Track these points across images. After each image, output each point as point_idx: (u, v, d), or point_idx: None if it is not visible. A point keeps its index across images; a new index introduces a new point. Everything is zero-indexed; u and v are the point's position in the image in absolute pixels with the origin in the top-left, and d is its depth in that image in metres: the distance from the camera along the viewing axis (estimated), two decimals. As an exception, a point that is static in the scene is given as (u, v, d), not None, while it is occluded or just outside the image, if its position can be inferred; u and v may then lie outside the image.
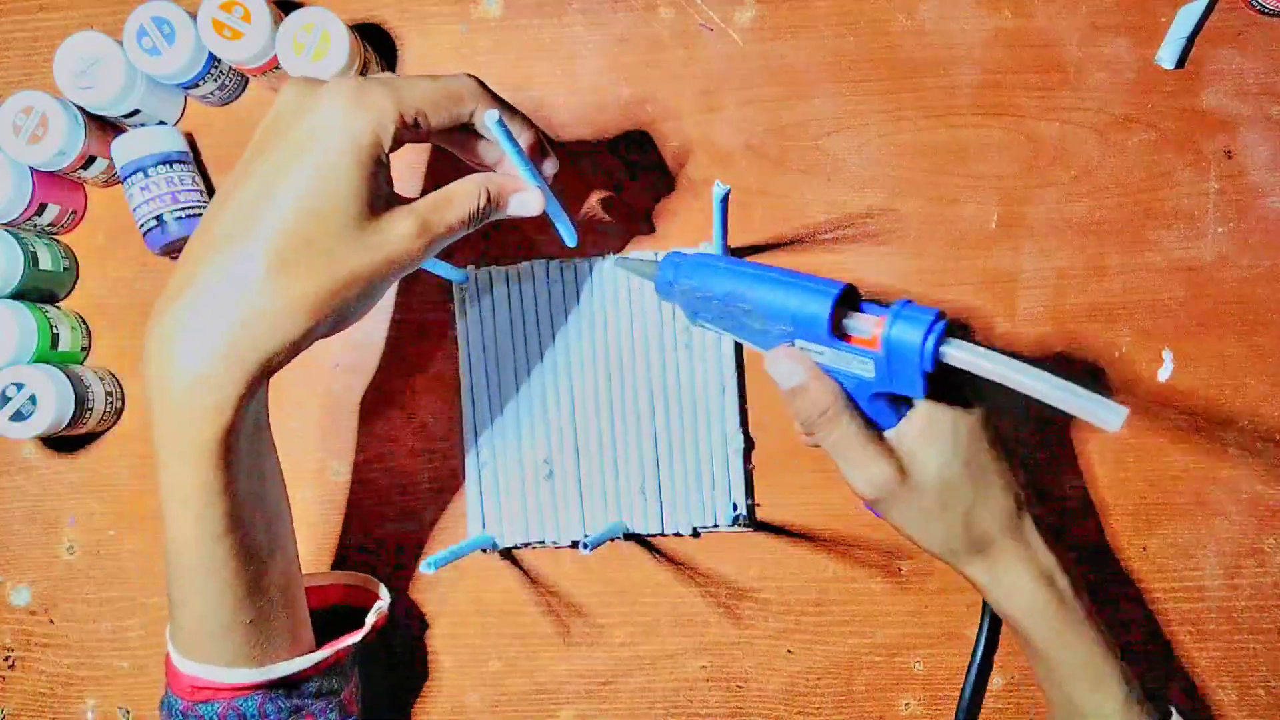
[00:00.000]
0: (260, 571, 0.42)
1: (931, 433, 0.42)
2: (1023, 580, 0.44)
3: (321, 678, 0.47)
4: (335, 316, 0.40)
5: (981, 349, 0.38)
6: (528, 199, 0.45)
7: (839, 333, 0.41)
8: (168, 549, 0.41)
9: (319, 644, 0.47)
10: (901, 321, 0.39)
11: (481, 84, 0.43)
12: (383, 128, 0.39)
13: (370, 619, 0.50)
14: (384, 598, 0.53)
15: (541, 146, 0.46)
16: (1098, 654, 0.44)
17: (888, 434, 0.43)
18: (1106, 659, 0.44)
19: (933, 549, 0.45)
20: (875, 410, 0.43)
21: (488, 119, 0.41)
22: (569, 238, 0.53)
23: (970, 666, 0.55)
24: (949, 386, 0.43)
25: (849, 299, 0.42)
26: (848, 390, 0.43)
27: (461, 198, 0.43)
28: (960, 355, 0.38)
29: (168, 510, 0.40)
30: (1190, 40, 0.55)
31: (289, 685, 0.45)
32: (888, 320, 0.39)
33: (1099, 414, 0.35)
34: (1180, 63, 0.56)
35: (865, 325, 0.41)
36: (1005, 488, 0.44)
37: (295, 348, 0.39)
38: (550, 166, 0.47)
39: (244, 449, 0.40)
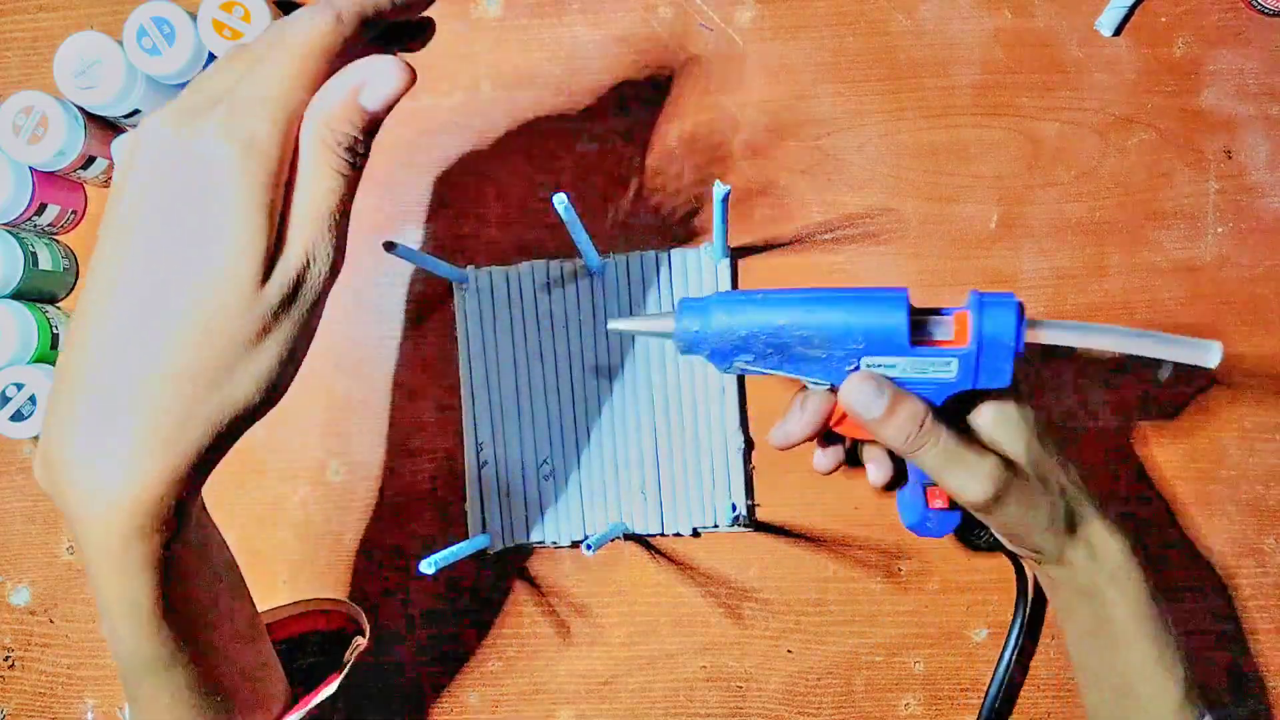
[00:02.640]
0: (220, 657, 0.38)
1: (1003, 420, 0.41)
2: (1115, 547, 0.42)
3: None
4: (284, 384, 0.34)
5: (1061, 324, 0.39)
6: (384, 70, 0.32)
7: (917, 339, 0.40)
8: (118, 658, 0.36)
9: (294, 678, 0.44)
10: (991, 310, 0.39)
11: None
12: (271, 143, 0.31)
13: (349, 656, 0.47)
14: (364, 627, 0.49)
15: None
16: (1168, 634, 0.43)
17: (980, 430, 0.42)
18: (1175, 642, 0.43)
19: (1037, 541, 0.42)
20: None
21: (556, 203, 0.40)
22: (593, 264, 0.54)
23: (1000, 660, 0.54)
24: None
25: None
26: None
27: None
28: (1047, 331, 0.39)
29: (111, 627, 0.34)
30: (1131, 10, 0.56)
31: None
32: (973, 314, 0.39)
33: (1192, 354, 0.35)
34: (1118, 30, 0.56)
35: (944, 325, 0.40)
36: (1068, 464, 0.43)
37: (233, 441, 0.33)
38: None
39: (193, 541, 0.35)
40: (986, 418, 0.42)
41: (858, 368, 0.41)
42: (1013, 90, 0.57)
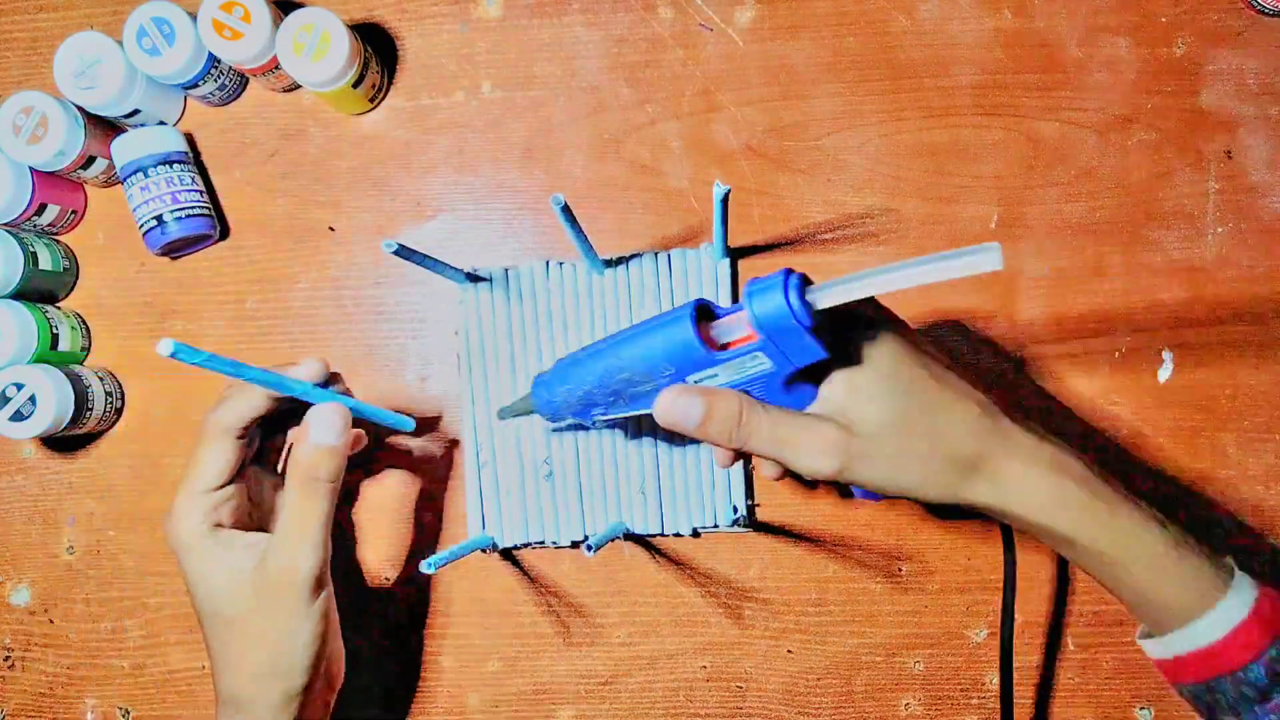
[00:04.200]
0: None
1: (856, 383, 0.39)
2: (1032, 479, 0.39)
3: None
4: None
5: (846, 278, 0.35)
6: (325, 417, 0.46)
7: (715, 346, 0.39)
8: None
9: None
10: (758, 297, 0.36)
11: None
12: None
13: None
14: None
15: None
16: (1137, 516, 0.40)
17: (812, 408, 0.40)
18: (1145, 515, 0.41)
19: (928, 493, 0.40)
20: (797, 399, 0.40)
21: (553, 203, 0.42)
22: (593, 264, 0.54)
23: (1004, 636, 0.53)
24: (847, 337, 0.40)
25: (705, 314, 0.40)
26: (759, 397, 0.40)
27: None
28: (828, 294, 0.36)
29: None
30: None
31: None
32: (745, 305, 0.37)
33: (976, 263, 0.32)
34: None
35: (733, 325, 0.39)
36: (962, 399, 0.39)
37: None
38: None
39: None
40: (837, 383, 0.40)
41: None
42: (1013, 90, 0.57)
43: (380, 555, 0.58)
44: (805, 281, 0.37)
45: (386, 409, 0.49)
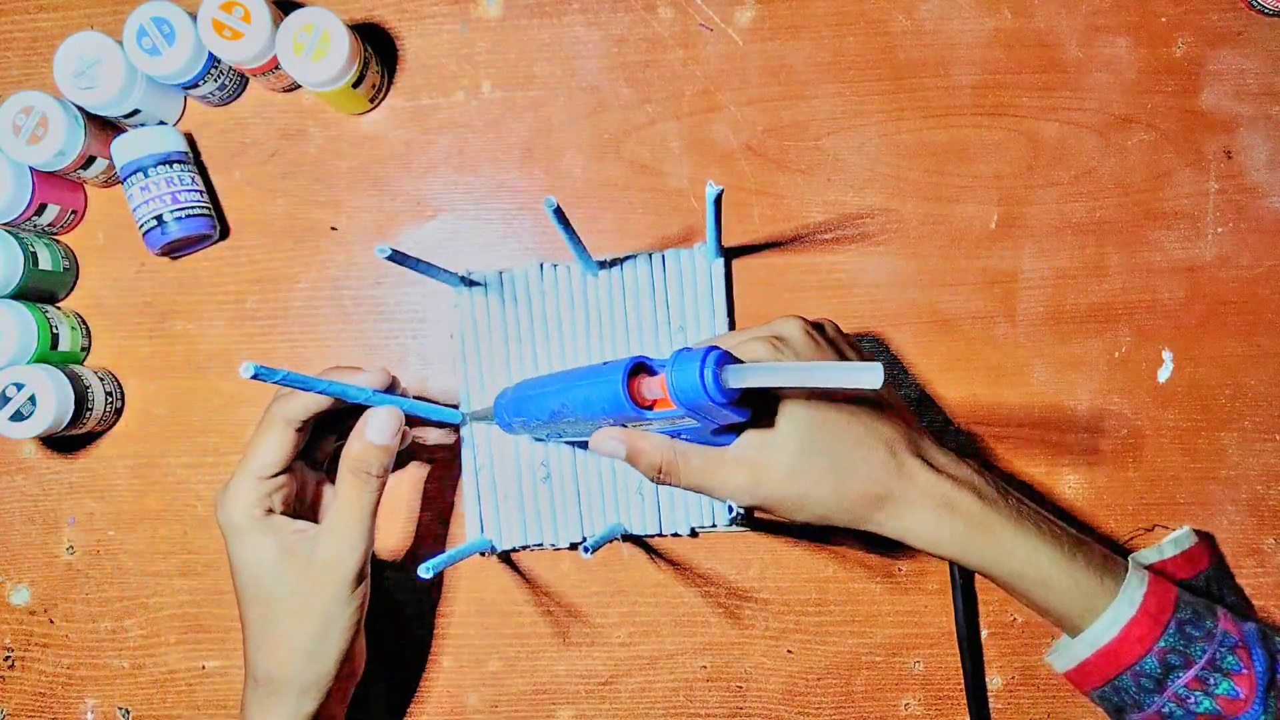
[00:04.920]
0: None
1: (769, 435, 0.43)
2: (924, 518, 0.44)
3: None
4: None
5: (757, 366, 0.39)
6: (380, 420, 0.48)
7: (645, 403, 0.41)
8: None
9: None
10: (679, 371, 0.39)
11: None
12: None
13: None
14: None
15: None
16: (1020, 540, 0.44)
17: (732, 448, 0.44)
18: (1032, 537, 0.44)
19: (834, 522, 0.44)
20: (726, 438, 0.43)
21: (545, 205, 0.44)
22: (587, 265, 0.53)
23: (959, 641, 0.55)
24: (767, 392, 0.43)
25: (644, 369, 0.42)
26: (689, 438, 0.43)
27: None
28: (742, 377, 0.38)
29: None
30: None
31: None
32: (666, 376, 0.39)
33: (859, 379, 0.35)
34: None
35: (657, 387, 0.41)
36: (871, 444, 0.44)
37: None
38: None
39: None
40: (754, 435, 0.43)
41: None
42: (1013, 90, 0.57)
43: (380, 554, 0.58)
44: (729, 359, 0.39)
45: (435, 405, 0.52)
